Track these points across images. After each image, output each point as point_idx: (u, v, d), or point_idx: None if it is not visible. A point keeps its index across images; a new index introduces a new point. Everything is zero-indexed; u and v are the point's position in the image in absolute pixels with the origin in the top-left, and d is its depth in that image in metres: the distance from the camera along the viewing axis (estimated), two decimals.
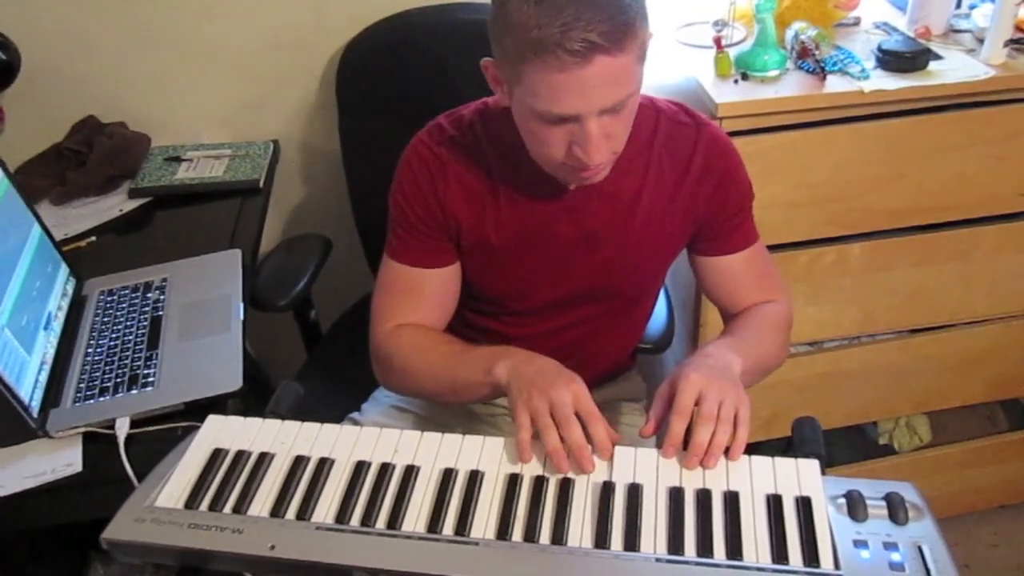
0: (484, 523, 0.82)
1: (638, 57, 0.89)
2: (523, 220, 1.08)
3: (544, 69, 0.85)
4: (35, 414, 1.12)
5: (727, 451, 0.88)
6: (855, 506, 0.81)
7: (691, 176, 1.08)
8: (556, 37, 0.82)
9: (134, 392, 1.16)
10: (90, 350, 1.26)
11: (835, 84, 1.35)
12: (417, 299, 1.11)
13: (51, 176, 1.66)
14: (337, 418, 1.28)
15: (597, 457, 0.88)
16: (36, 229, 1.32)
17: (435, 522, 0.82)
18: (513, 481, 0.86)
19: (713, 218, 1.11)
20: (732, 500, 0.83)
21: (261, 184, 1.63)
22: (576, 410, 0.88)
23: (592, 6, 0.82)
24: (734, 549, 0.78)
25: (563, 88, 0.86)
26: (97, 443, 1.11)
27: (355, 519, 0.83)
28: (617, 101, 0.89)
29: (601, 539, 0.80)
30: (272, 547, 0.81)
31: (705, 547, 0.78)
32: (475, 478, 0.87)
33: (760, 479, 0.85)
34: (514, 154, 1.01)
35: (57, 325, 1.28)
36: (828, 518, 0.81)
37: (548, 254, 1.10)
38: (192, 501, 0.86)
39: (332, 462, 0.90)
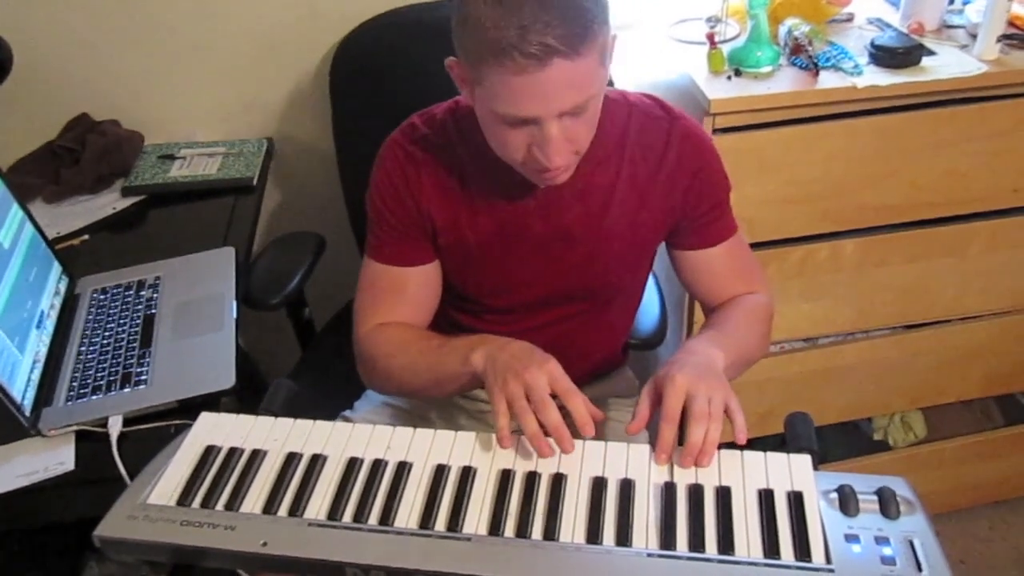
0: (476, 518, 0.82)
1: (599, 60, 0.88)
2: (498, 218, 1.08)
3: (502, 71, 0.85)
4: (27, 413, 1.11)
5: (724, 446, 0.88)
6: (847, 501, 0.81)
7: (665, 170, 1.08)
8: (513, 40, 0.82)
9: (127, 390, 1.16)
10: (83, 348, 1.25)
11: (828, 80, 1.35)
12: (398, 298, 1.12)
13: (44, 174, 1.65)
14: (330, 416, 1.27)
15: (591, 446, 0.88)
16: (28, 228, 1.32)
17: (427, 518, 0.82)
18: (505, 477, 0.86)
19: (690, 212, 1.11)
20: (724, 495, 0.83)
21: (254, 182, 1.63)
22: (553, 390, 0.88)
23: (549, 9, 0.82)
24: (726, 544, 0.78)
25: (521, 91, 0.86)
26: (90, 441, 1.10)
27: (347, 515, 0.83)
28: (576, 104, 0.89)
29: (593, 534, 0.80)
30: (264, 544, 0.81)
31: (697, 542, 0.78)
32: (467, 474, 0.87)
33: (752, 474, 0.85)
34: (486, 152, 1.00)
35: (50, 324, 1.27)
36: (820, 513, 0.81)
37: (525, 252, 1.10)
38: (185, 498, 0.86)
39: (324, 459, 0.90)
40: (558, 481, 0.85)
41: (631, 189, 1.08)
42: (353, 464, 0.89)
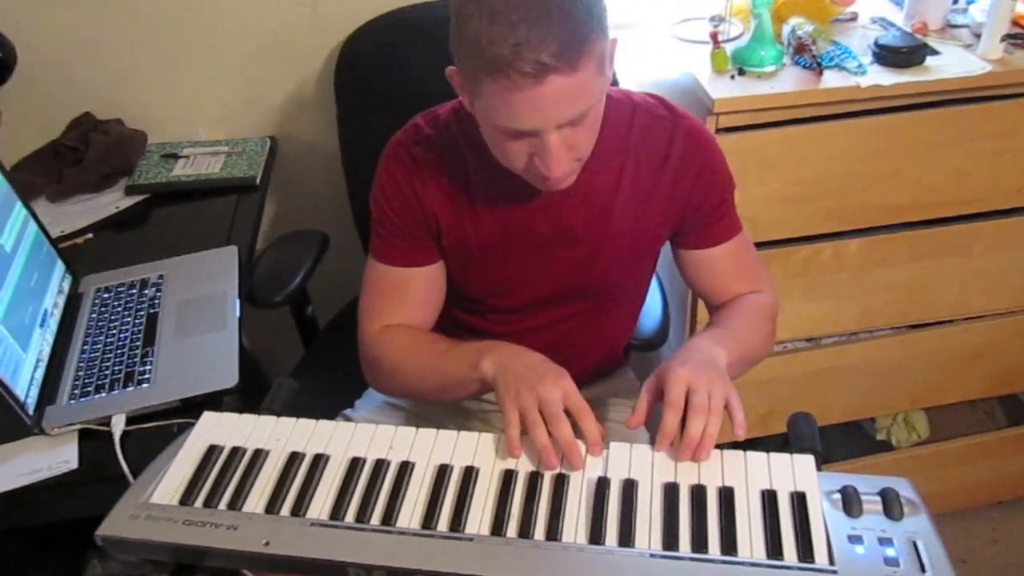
0: (479, 519, 0.82)
1: (597, 70, 0.88)
2: (501, 218, 1.08)
3: (498, 88, 0.84)
4: (31, 411, 1.11)
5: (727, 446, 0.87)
6: (850, 501, 0.81)
7: (669, 170, 1.07)
8: (508, 58, 0.82)
9: (130, 389, 1.16)
10: (86, 347, 1.26)
11: (832, 79, 1.35)
12: (403, 299, 1.11)
13: (47, 173, 1.66)
14: (333, 415, 1.28)
15: (588, 454, 0.88)
16: (32, 226, 1.32)
17: (430, 518, 0.82)
18: (508, 477, 0.86)
19: (694, 212, 1.10)
20: (727, 496, 0.83)
21: (258, 181, 1.63)
22: (565, 406, 0.87)
23: (543, 25, 0.81)
24: (729, 544, 0.78)
25: (518, 106, 0.85)
26: (93, 440, 1.10)
27: (350, 515, 0.83)
28: (575, 115, 0.88)
29: (596, 535, 0.80)
30: (267, 543, 0.80)
31: (700, 543, 0.78)
32: (470, 474, 0.87)
33: (755, 475, 0.85)
34: (489, 153, 1.00)
35: (53, 322, 1.28)
36: (823, 513, 0.80)
37: (528, 252, 1.10)
38: (187, 498, 0.86)
39: (327, 458, 0.90)
40: (561, 481, 0.85)
41: (634, 189, 1.08)
42: (356, 464, 0.89)
